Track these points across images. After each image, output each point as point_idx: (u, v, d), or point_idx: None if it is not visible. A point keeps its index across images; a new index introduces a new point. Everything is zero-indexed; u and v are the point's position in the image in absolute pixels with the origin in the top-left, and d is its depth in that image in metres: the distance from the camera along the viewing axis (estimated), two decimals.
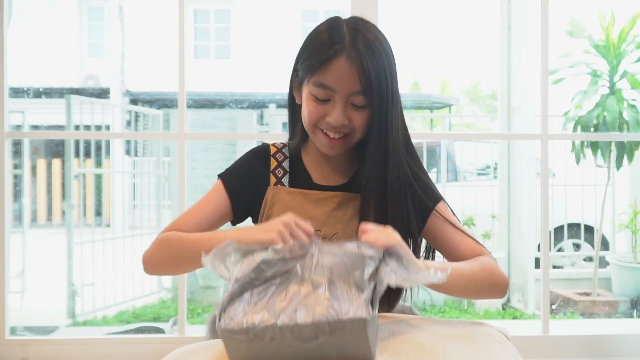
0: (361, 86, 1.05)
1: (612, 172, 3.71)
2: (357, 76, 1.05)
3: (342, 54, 1.05)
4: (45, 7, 8.19)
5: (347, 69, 1.05)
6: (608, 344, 2.13)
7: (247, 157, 1.23)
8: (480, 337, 1.01)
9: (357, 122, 1.09)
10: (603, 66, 3.81)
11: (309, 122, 1.12)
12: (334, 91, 1.07)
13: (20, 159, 4.16)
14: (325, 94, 1.08)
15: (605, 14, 3.75)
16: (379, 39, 1.08)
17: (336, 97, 1.07)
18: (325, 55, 1.06)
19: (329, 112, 1.08)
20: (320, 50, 1.07)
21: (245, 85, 7.78)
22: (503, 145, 4.18)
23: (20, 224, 4.04)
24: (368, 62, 1.04)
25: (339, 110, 1.07)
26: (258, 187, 1.19)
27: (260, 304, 0.89)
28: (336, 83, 1.06)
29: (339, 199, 1.16)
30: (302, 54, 1.12)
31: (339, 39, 1.06)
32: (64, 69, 7.90)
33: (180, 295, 2.10)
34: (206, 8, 8.55)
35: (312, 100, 1.10)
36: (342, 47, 1.05)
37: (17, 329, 2.85)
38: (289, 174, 1.20)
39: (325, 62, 1.05)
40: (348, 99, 1.07)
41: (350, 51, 1.04)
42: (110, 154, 4.72)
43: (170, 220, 4.32)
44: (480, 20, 8.57)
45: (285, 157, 1.22)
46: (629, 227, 4.08)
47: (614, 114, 3.54)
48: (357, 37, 1.06)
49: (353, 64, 1.04)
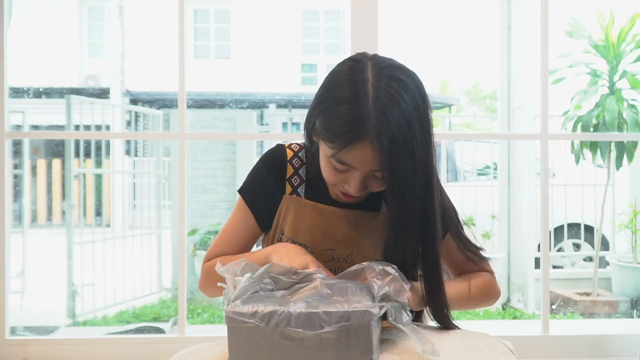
0: (383, 167, 0.99)
1: (612, 172, 3.71)
2: (379, 159, 0.97)
3: (366, 138, 0.96)
4: (45, 7, 8.19)
5: (370, 153, 0.97)
6: (608, 344, 2.13)
7: (261, 166, 1.18)
8: (485, 349, 1.02)
9: (375, 187, 1.06)
10: (603, 66, 3.81)
11: (327, 181, 1.09)
12: (354, 168, 1.01)
13: (20, 159, 4.16)
14: (344, 167, 1.02)
15: (604, 14, 3.75)
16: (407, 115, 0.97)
17: (356, 172, 1.02)
18: (348, 137, 0.97)
19: (347, 180, 1.04)
20: (343, 129, 0.97)
21: (245, 85, 7.78)
22: (503, 145, 4.18)
23: (20, 224, 4.04)
24: (394, 143, 0.95)
25: (357, 182, 1.03)
26: (274, 196, 1.15)
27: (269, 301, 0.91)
28: (357, 163, 1.00)
29: (355, 219, 1.13)
30: (323, 112, 1.01)
31: (364, 115, 0.95)
32: (64, 69, 7.90)
33: (180, 295, 2.10)
34: (206, 8, 8.54)
35: (330, 167, 1.04)
36: (366, 131, 0.96)
37: (17, 329, 2.85)
38: (305, 183, 1.16)
39: (347, 145, 0.97)
40: (367, 174, 1.03)
41: (373, 137, 0.96)
42: (110, 154, 4.72)
43: (170, 221, 4.29)
44: (480, 20, 8.57)
45: (302, 163, 1.16)
46: (629, 227, 4.08)
47: (613, 114, 3.54)
48: (384, 115, 0.95)
49: (376, 147, 0.96)
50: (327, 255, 1.12)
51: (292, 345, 0.88)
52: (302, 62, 8.55)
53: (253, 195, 1.17)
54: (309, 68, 8.58)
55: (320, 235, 1.12)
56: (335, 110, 0.98)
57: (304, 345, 0.88)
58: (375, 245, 1.09)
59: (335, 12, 8.74)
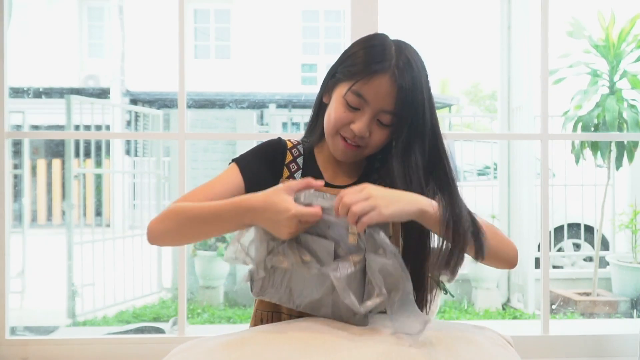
0: (394, 107, 1.09)
1: (612, 172, 3.71)
2: (393, 97, 1.08)
3: (387, 71, 1.08)
4: (45, 7, 8.19)
5: (388, 87, 1.08)
6: (608, 344, 2.13)
7: (264, 146, 1.24)
8: (483, 341, 1.02)
9: (375, 137, 1.13)
10: (603, 66, 3.81)
11: (333, 124, 1.14)
12: (367, 103, 1.10)
13: (20, 159, 4.16)
14: (358, 102, 1.11)
15: (605, 14, 3.75)
16: (422, 71, 1.12)
17: (367, 109, 1.11)
18: (373, 67, 1.09)
19: (355, 120, 1.11)
20: (369, 61, 1.10)
21: (245, 85, 7.78)
22: (503, 145, 4.18)
23: (20, 224, 4.04)
24: (408, 88, 1.08)
25: (365, 122, 1.11)
26: (272, 176, 1.19)
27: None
28: (372, 96, 1.09)
29: None
30: (347, 59, 1.14)
31: (388, 57, 1.09)
32: (64, 69, 7.90)
33: (180, 295, 2.10)
34: (206, 8, 8.55)
35: (342, 105, 1.12)
36: (390, 66, 1.08)
37: (17, 329, 2.85)
38: (301, 171, 1.21)
39: (369, 74, 1.09)
40: (377, 114, 1.11)
41: (395, 72, 1.08)
42: (110, 154, 4.72)
43: None
44: (480, 20, 8.57)
45: (300, 153, 1.23)
46: (629, 227, 4.08)
47: (613, 114, 3.54)
48: (405, 62, 1.09)
49: (394, 84, 1.08)
50: None
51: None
52: (302, 62, 8.56)
53: (249, 166, 1.18)
54: (309, 68, 8.58)
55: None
56: (363, 52, 1.12)
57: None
58: None
59: (335, 12, 8.75)
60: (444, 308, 3.90)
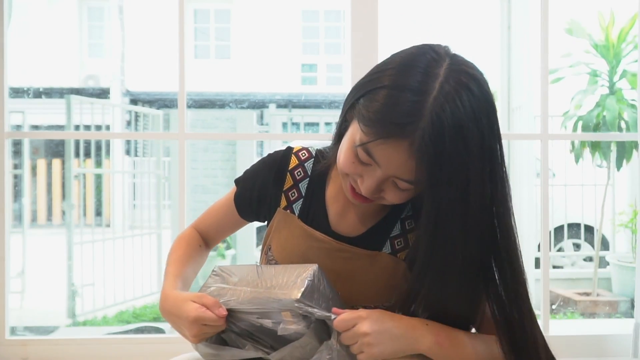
0: (414, 178, 0.83)
1: (612, 172, 3.71)
2: (413, 168, 0.82)
3: (407, 138, 0.80)
4: (45, 7, 8.19)
5: (405, 157, 0.82)
6: (608, 344, 2.13)
7: (261, 166, 1.09)
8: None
9: (389, 197, 0.90)
10: (603, 66, 3.81)
11: (341, 169, 0.92)
12: (378, 165, 0.85)
13: (20, 159, 4.16)
14: (368, 159, 0.86)
15: (604, 14, 3.75)
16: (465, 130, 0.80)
17: (377, 170, 0.86)
18: (388, 129, 0.81)
19: (364, 175, 0.88)
20: (385, 117, 0.81)
21: (245, 85, 7.78)
22: (503, 145, 4.18)
23: (20, 224, 4.04)
24: (435, 160, 0.80)
25: (373, 183, 0.87)
26: (267, 203, 1.07)
27: None
28: (384, 161, 0.84)
29: (348, 255, 0.99)
30: (365, 95, 0.86)
31: (417, 114, 0.79)
32: (64, 69, 7.90)
33: None
34: (206, 8, 8.54)
35: (352, 155, 0.87)
36: (412, 131, 0.79)
37: (17, 329, 2.85)
38: (303, 200, 1.04)
39: (383, 135, 0.81)
40: (389, 178, 0.87)
41: (416, 140, 0.79)
42: (110, 154, 4.72)
43: (170, 221, 4.28)
44: (480, 20, 8.57)
45: (305, 175, 1.04)
46: (628, 227, 4.08)
47: (613, 114, 3.54)
48: (439, 125, 0.79)
49: (412, 155, 0.81)
50: None
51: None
52: (302, 62, 8.55)
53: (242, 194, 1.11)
54: (309, 68, 8.58)
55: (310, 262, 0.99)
56: (388, 93, 0.82)
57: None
58: (366, 287, 0.98)
59: (335, 12, 8.74)
60: None
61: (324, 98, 7.22)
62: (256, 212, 1.10)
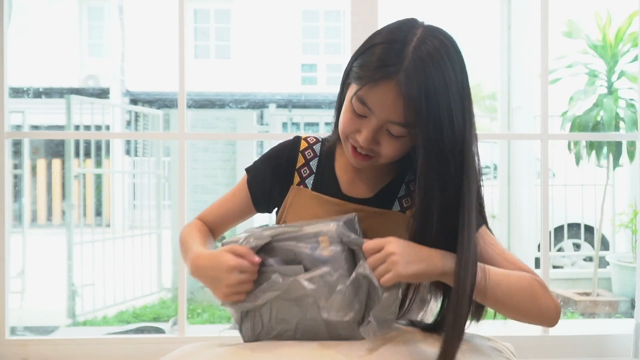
0: (404, 119, 0.92)
1: (611, 172, 3.71)
2: (401, 108, 0.92)
3: (392, 78, 0.91)
4: (45, 7, 8.19)
5: (392, 97, 0.92)
6: (608, 344, 2.13)
7: (274, 151, 1.18)
8: (491, 353, 1.02)
9: (385, 149, 0.99)
10: (600, 66, 3.82)
11: (341, 130, 1.03)
12: (372, 112, 0.96)
13: (20, 159, 4.16)
14: (363, 110, 0.97)
15: (601, 14, 3.75)
16: (443, 70, 0.92)
17: (372, 118, 0.97)
18: (376, 73, 0.93)
19: (361, 128, 0.99)
20: (373, 65, 0.94)
21: (245, 85, 7.78)
22: (503, 145, 4.18)
23: (20, 224, 4.04)
24: (418, 97, 0.90)
25: (369, 133, 0.97)
26: (281, 184, 1.14)
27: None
28: (377, 106, 0.95)
29: (362, 214, 1.06)
30: (358, 58, 0.99)
31: (397, 59, 0.92)
32: (64, 69, 7.90)
33: (180, 295, 2.10)
34: (206, 8, 8.55)
35: (350, 111, 1.00)
36: (396, 71, 0.91)
37: (17, 329, 2.85)
38: (314, 175, 1.13)
39: (373, 80, 0.93)
40: (384, 124, 0.96)
41: (401, 79, 0.91)
42: (110, 154, 4.72)
43: (170, 221, 4.28)
44: (480, 20, 8.57)
45: (315, 155, 1.15)
46: (628, 227, 4.08)
47: (612, 114, 3.54)
48: (417, 64, 0.91)
49: (399, 94, 0.91)
50: None
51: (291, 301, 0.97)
52: (302, 62, 8.56)
53: (255, 178, 1.17)
54: (309, 68, 8.58)
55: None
56: (373, 48, 0.96)
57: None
58: None
59: (335, 12, 8.74)
60: None
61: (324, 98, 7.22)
62: (269, 194, 1.16)
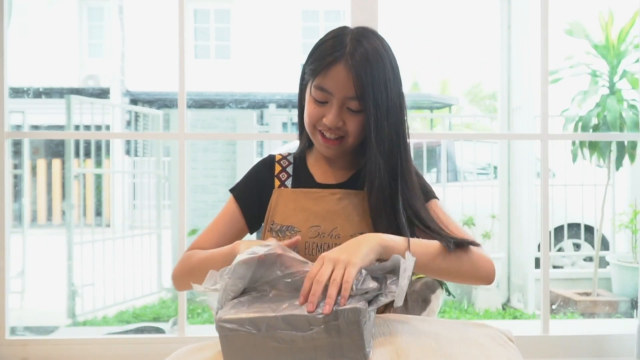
0: (355, 93, 1.12)
1: (611, 172, 3.71)
2: (352, 83, 1.12)
3: (340, 60, 1.13)
4: (45, 7, 8.19)
5: (344, 75, 1.12)
6: (608, 344, 2.13)
7: (253, 169, 1.32)
8: (484, 340, 1.02)
9: (350, 126, 1.16)
10: (603, 66, 3.81)
11: (308, 122, 1.19)
12: (331, 94, 1.14)
13: (20, 159, 4.16)
14: (323, 96, 1.15)
15: (604, 14, 3.75)
16: (378, 50, 1.14)
17: (333, 100, 1.15)
18: (326, 61, 1.13)
19: (326, 113, 1.16)
20: (323, 56, 1.15)
21: (245, 85, 7.78)
22: (503, 145, 4.18)
23: (20, 224, 4.05)
24: (363, 71, 1.11)
25: (334, 112, 1.15)
26: (265, 193, 1.26)
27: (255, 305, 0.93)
28: (333, 87, 1.14)
29: (338, 196, 1.22)
30: (308, 59, 1.19)
31: (340, 47, 1.14)
32: (64, 69, 7.90)
33: (180, 295, 2.10)
34: (206, 8, 8.55)
35: (312, 102, 1.17)
36: (342, 55, 1.13)
37: (17, 329, 2.85)
38: (292, 177, 1.28)
39: (325, 67, 1.13)
40: (344, 102, 1.15)
41: (348, 59, 1.12)
42: (110, 154, 4.72)
43: (170, 221, 4.29)
44: (480, 20, 8.57)
45: (289, 163, 1.30)
46: (629, 227, 4.08)
47: (614, 114, 3.54)
48: (357, 47, 1.13)
49: (349, 71, 1.12)
50: (312, 232, 1.19)
51: (285, 347, 0.89)
52: (302, 62, 8.53)
53: (242, 194, 1.28)
54: None
55: (305, 214, 1.21)
56: (318, 49, 1.17)
57: (296, 346, 0.89)
58: (360, 219, 1.19)
59: (335, 12, 8.75)
60: (444, 308, 3.90)
61: None
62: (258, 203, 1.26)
